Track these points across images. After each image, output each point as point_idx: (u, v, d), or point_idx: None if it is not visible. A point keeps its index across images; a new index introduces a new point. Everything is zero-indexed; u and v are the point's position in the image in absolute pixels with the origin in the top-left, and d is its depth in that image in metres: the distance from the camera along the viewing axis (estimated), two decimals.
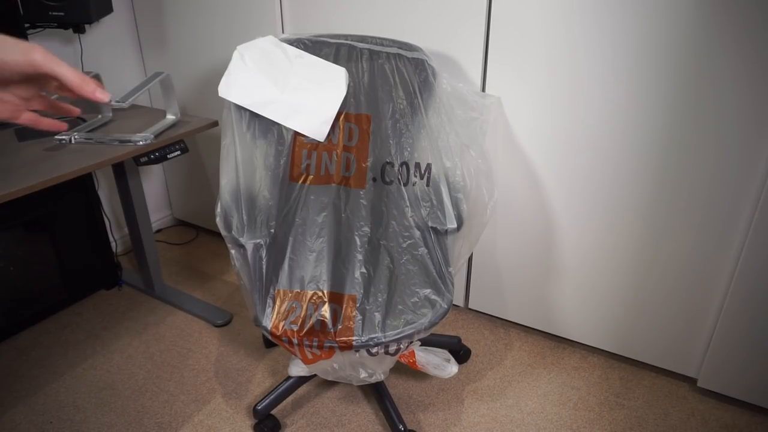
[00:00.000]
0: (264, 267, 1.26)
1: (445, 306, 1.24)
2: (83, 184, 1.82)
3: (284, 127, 1.37)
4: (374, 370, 1.24)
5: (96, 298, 1.94)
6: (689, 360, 1.50)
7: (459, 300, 1.85)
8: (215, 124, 1.60)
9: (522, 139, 1.49)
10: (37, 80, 0.53)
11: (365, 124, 1.41)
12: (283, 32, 1.74)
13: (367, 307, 1.25)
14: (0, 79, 0.49)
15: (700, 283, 1.41)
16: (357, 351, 1.18)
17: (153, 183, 2.33)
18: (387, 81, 1.38)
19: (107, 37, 1.99)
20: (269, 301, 1.25)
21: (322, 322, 1.21)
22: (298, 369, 1.38)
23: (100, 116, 1.60)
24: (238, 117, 1.32)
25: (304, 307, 1.25)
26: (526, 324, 1.74)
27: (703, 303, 1.42)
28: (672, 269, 1.43)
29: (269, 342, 1.70)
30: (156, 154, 1.47)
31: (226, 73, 1.31)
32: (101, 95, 0.53)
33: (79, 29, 1.79)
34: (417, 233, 1.36)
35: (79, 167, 1.27)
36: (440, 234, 1.32)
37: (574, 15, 1.30)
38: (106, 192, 2.13)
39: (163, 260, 2.19)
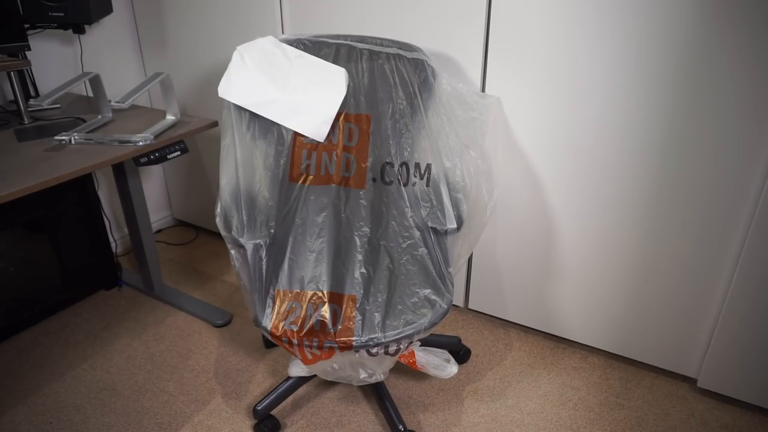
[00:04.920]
0: (264, 267, 1.26)
1: (445, 306, 1.24)
2: (83, 185, 1.82)
3: (284, 127, 1.37)
4: (374, 370, 1.24)
5: (96, 299, 1.94)
6: (689, 360, 1.50)
7: (459, 300, 1.85)
8: (215, 124, 1.60)
9: (522, 140, 1.49)
10: None
11: (365, 124, 1.41)
12: (283, 32, 1.74)
13: (367, 308, 1.25)
14: None
15: (700, 283, 1.41)
16: (357, 351, 1.18)
17: (153, 183, 2.33)
18: (387, 81, 1.38)
19: (107, 37, 1.99)
20: (269, 301, 1.25)
21: (321, 323, 1.21)
22: (298, 369, 1.38)
23: (100, 116, 1.60)
24: (238, 117, 1.32)
25: (304, 307, 1.25)
26: (526, 324, 1.74)
27: (703, 303, 1.42)
28: (672, 269, 1.43)
29: (269, 342, 1.70)
30: (156, 155, 1.47)
31: (226, 73, 1.31)
32: None
33: (79, 30, 1.79)
34: (417, 233, 1.36)
35: (79, 167, 1.27)
36: (440, 234, 1.32)
37: (574, 15, 1.30)
38: (106, 192, 2.13)
39: (163, 261, 2.19)
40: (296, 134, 1.39)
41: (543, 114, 1.43)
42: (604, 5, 1.26)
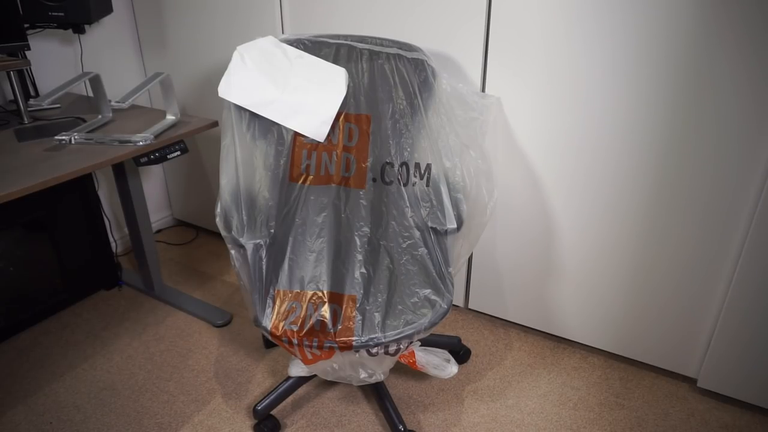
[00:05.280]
0: (264, 267, 1.26)
1: (445, 306, 1.24)
2: (83, 185, 1.82)
3: (284, 127, 1.37)
4: (374, 370, 1.24)
5: (96, 299, 1.94)
6: (689, 360, 1.50)
7: (459, 300, 1.85)
8: (215, 124, 1.60)
9: (522, 140, 1.49)
10: None
11: (365, 124, 1.41)
12: (283, 32, 1.74)
13: (367, 308, 1.25)
14: None
15: (700, 283, 1.41)
16: (357, 351, 1.18)
17: (153, 183, 2.33)
18: (387, 81, 1.38)
19: (107, 37, 1.99)
20: (269, 301, 1.25)
21: (321, 323, 1.21)
22: (298, 369, 1.38)
23: (100, 116, 1.60)
24: (238, 117, 1.32)
25: (304, 307, 1.25)
26: (526, 324, 1.74)
27: (703, 303, 1.42)
28: (672, 269, 1.43)
29: (269, 342, 1.70)
30: (156, 155, 1.47)
31: (226, 73, 1.31)
32: None
33: (79, 29, 1.79)
34: (417, 233, 1.36)
35: (79, 167, 1.27)
36: (440, 234, 1.32)
37: (574, 15, 1.30)
38: (106, 192, 2.13)
39: (163, 261, 2.19)
40: (296, 134, 1.39)
41: (543, 114, 1.43)
42: (604, 6, 1.26)
